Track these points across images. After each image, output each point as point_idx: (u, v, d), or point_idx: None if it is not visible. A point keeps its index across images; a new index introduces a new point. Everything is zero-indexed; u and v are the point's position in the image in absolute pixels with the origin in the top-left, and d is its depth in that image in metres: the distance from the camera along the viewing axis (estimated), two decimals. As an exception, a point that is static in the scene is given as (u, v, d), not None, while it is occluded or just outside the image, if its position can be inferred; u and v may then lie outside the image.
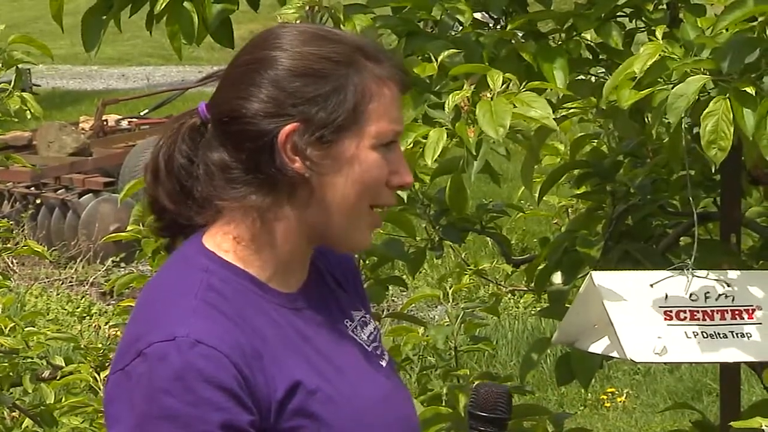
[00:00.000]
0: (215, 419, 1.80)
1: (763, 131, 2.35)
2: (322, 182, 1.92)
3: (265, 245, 1.93)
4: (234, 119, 1.91)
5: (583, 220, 3.44)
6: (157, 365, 1.81)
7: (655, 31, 2.55)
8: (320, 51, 1.92)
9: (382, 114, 1.93)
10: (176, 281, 1.92)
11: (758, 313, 2.60)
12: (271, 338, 1.89)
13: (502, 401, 1.99)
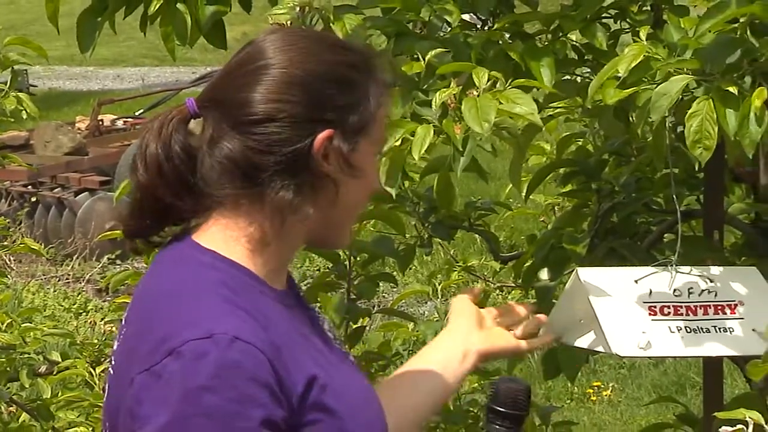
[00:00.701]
0: (257, 415, 1.79)
1: (746, 130, 2.35)
2: (345, 186, 1.93)
3: (274, 243, 1.93)
4: (266, 121, 1.90)
5: (569, 217, 3.44)
6: (195, 363, 1.78)
7: (640, 32, 2.55)
8: (346, 59, 1.94)
9: (383, 122, 1.98)
10: (188, 280, 1.90)
11: (740, 309, 2.60)
12: (282, 332, 1.88)
13: (522, 397, 2.00)
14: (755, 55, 2.40)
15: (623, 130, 2.81)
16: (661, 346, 2.56)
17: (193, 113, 1.95)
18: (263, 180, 1.89)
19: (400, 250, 3.33)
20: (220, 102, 1.93)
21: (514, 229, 9.27)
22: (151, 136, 1.93)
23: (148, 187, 1.93)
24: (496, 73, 2.52)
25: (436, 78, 2.60)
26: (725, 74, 2.39)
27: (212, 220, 1.92)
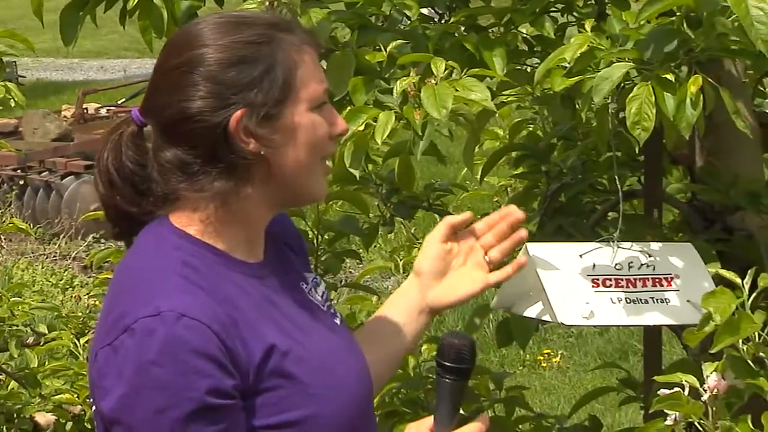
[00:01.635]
0: (202, 386, 1.79)
1: (683, 114, 2.36)
2: (276, 155, 1.92)
3: (230, 223, 1.93)
4: (182, 120, 1.89)
5: (520, 197, 3.44)
6: (145, 339, 1.79)
7: (584, 24, 2.57)
8: (242, 37, 1.91)
9: (309, 78, 1.94)
10: (153, 260, 1.90)
11: (677, 281, 2.62)
12: (244, 306, 1.88)
13: (466, 351, 1.98)
14: (691, 45, 2.41)
15: (570, 117, 2.82)
16: (603, 315, 2.57)
17: (140, 123, 1.96)
18: (198, 172, 1.89)
19: (364, 228, 3.33)
20: (151, 109, 1.94)
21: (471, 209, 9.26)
22: (105, 150, 1.95)
23: (105, 198, 1.95)
24: (452, 63, 2.53)
25: (397, 67, 2.60)
26: (663, 63, 2.39)
27: (181, 206, 1.93)
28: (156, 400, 1.79)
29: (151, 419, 1.79)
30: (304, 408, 1.88)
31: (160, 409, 1.79)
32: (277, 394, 1.87)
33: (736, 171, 3.09)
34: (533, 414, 3.51)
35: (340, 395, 1.93)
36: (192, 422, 1.79)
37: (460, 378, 1.97)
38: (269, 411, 1.87)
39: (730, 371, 2.25)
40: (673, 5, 2.41)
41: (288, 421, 1.87)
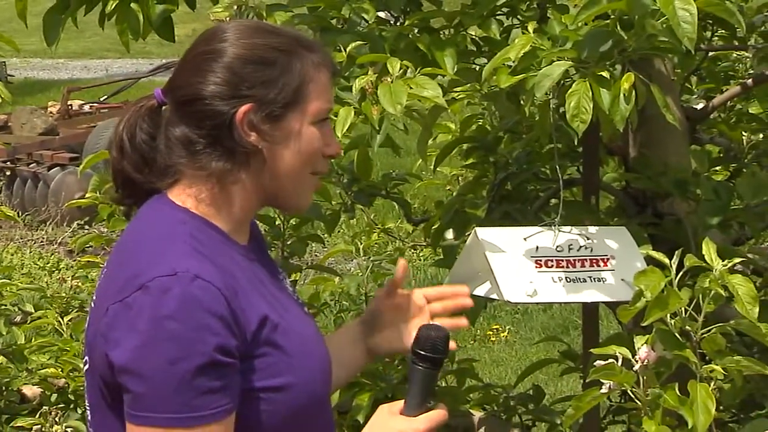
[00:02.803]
0: (212, 342, 1.80)
1: (617, 108, 2.37)
2: (273, 153, 1.93)
3: (224, 204, 1.94)
4: (195, 101, 1.91)
5: (470, 186, 3.45)
6: (161, 296, 1.80)
7: (527, 26, 2.56)
8: (266, 41, 1.93)
9: (319, 94, 1.95)
10: (161, 230, 1.92)
11: (612, 262, 2.63)
12: (241, 279, 1.90)
13: (440, 343, 1.97)
14: (624, 45, 2.42)
15: (515, 111, 2.81)
16: (545, 293, 2.58)
17: (160, 101, 1.97)
18: (200, 151, 1.90)
19: (327, 214, 3.33)
20: (172, 89, 1.96)
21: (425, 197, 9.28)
22: (124, 119, 1.98)
23: (115, 162, 1.98)
24: (406, 63, 2.53)
25: (356, 67, 2.60)
26: (599, 62, 2.40)
27: (180, 184, 1.94)
28: (169, 352, 1.79)
29: (163, 369, 1.79)
30: (286, 376, 1.90)
31: (172, 360, 1.79)
32: (266, 361, 1.88)
33: (666, 161, 3.11)
34: (482, 384, 3.52)
35: (314, 369, 1.95)
36: (199, 375, 1.80)
37: (432, 367, 1.96)
38: (258, 375, 1.88)
39: (659, 343, 2.27)
40: (607, 9, 2.41)
41: (272, 386, 1.89)
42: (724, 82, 3.54)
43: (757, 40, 3.22)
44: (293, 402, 1.91)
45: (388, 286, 2.25)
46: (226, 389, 1.82)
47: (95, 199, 3.29)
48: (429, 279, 7.91)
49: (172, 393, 1.79)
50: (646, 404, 2.26)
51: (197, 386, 1.79)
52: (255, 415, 1.89)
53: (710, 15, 2.48)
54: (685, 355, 2.25)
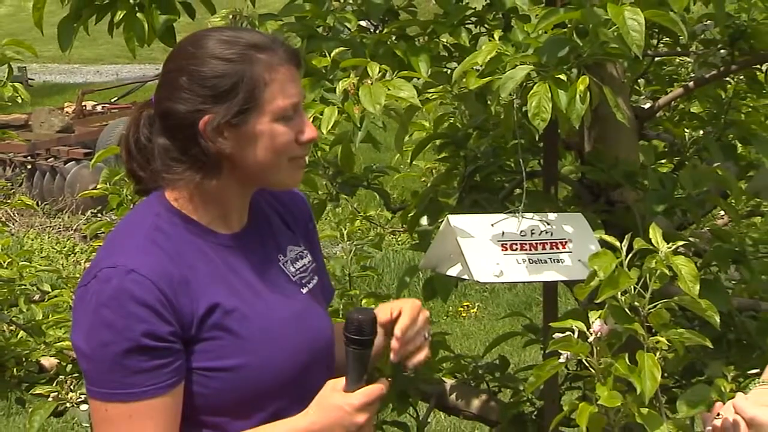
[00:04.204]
0: (139, 329, 1.81)
1: (573, 107, 2.36)
2: (241, 154, 1.91)
3: (201, 202, 1.94)
4: (167, 115, 1.92)
5: (443, 177, 3.44)
6: (103, 286, 1.83)
7: (493, 34, 2.56)
8: (223, 53, 1.90)
9: (276, 94, 1.91)
10: (132, 223, 1.94)
11: (569, 245, 2.63)
12: (202, 270, 1.88)
13: (366, 326, 1.94)
14: (579, 51, 2.41)
15: (483, 110, 2.81)
16: (510, 274, 2.57)
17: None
18: (176, 159, 1.92)
19: (314, 203, 3.31)
20: (155, 102, 1.97)
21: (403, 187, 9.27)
22: (129, 126, 1.99)
23: (125, 161, 2.00)
24: (385, 67, 2.52)
25: (339, 70, 2.58)
26: (557, 66, 2.40)
27: (167, 184, 1.95)
28: (103, 335, 1.82)
29: (99, 350, 1.82)
30: (236, 358, 1.88)
31: (104, 343, 1.82)
32: (215, 344, 1.87)
33: (617, 155, 3.10)
34: (454, 355, 3.52)
35: (275, 351, 1.92)
36: (129, 357, 1.81)
37: (361, 347, 1.93)
38: (207, 356, 1.87)
39: (611, 318, 2.26)
40: (564, 18, 2.41)
41: (222, 367, 1.88)
42: (669, 84, 3.54)
43: (697, 46, 3.22)
44: (249, 380, 1.88)
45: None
46: (159, 370, 1.82)
47: (105, 189, 3.28)
48: (406, 261, 7.90)
49: (107, 372, 1.82)
50: (599, 372, 2.26)
51: (128, 366, 1.81)
52: (208, 393, 1.88)
53: (656, 24, 2.47)
54: (634, 328, 2.24)
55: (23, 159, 11.03)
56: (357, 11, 2.79)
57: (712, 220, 3.64)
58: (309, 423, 1.88)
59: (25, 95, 3.13)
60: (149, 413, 1.82)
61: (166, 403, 1.83)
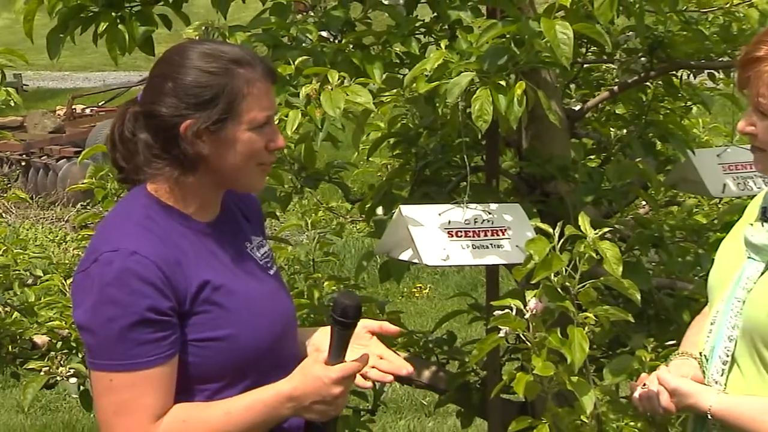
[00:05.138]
0: (143, 304, 1.81)
1: (512, 109, 2.37)
2: (217, 156, 1.92)
3: (181, 195, 1.94)
4: (151, 116, 1.91)
5: (396, 172, 3.43)
6: (105, 268, 1.82)
7: (440, 43, 2.56)
8: (205, 66, 1.91)
9: (252, 106, 1.93)
10: (123, 213, 1.94)
11: (509, 232, 2.64)
12: (189, 252, 1.89)
13: (351, 310, 1.93)
14: (517, 59, 2.42)
15: (432, 112, 2.81)
16: (456, 258, 2.58)
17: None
18: (157, 155, 1.92)
19: (281, 196, 3.30)
20: (141, 102, 1.96)
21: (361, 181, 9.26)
22: (115, 121, 1.99)
23: (110, 152, 1.99)
24: (343, 74, 2.52)
25: (302, 77, 2.57)
26: (497, 72, 2.40)
27: (148, 177, 1.94)
28: (109, 312, 1.81)
29: (106, 325, 1.82)
30: (226, 329, 1.89)
31: (110, 318, 1.81)
32: (207, 317, 1.88)
33: (551, 151, 3.11)
34: (407, 331, 3.52)
35: (257, 322, 1.93)
36: (134, 330, 1.81)
37: (344, 328, 1.93)
38: (200, 328, 1.88)
39: (545, 296, 2.27)
40: (504, 31, 2.42)
41: (213, 338, 1.89)
42: (596, 88, 3.55)
43: (621, 55, 3.24)
44: (237, 348, 1.90)
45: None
46: (160, 341, 1.83)
47: (92, 184, 3.26)
48: (365, 247, 7.90)
49: (113, 344, 1.82)
50: (535, 345, 2.27)
51: (133, 339, 1.81)
52: (202, 361, 1.89)
53: (585, 35, 2.48)
54: (565, 305, 2.26)
55: (19, 157, 10.95)
56: (318, 23, 2.78)
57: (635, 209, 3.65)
58: (291, 388, 1.89)
59: (17, 99, 3.09)
60: (151, 381, 1.82)
61: (165, 372, 1.83)
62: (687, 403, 2.00)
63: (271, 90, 1.96)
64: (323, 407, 1.89)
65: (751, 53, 1.90)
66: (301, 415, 1.91)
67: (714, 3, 3.16)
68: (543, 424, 2.34)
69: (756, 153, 1.95)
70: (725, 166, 3.30)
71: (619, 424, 2.38)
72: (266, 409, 1.87)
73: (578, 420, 2.33)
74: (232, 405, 1.87)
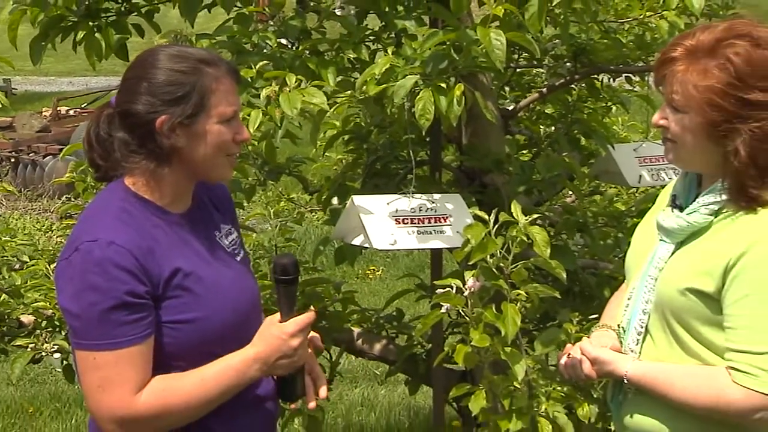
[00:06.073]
0: (122, 289, 1.79)
1: (452, 109, 2.37)
2: (190, 148, 1.89)
3: (156, 187, 1.91)
4: (127, 115, 1.88)
5: (350, 166, 3.43)
6: (86, 256, 1.79)
7: (388, 50, 2.55)
8: (176, 66, 1.89)
9: (220, 101, 1.91)
10: (102, 205, 1.90)
11: (450, 219, 2.64)
12: (162, 241, 1.86)
13: (290, 267, 1.93)
14: (456, 64, 2.42)
15: (381, 112, 2.80)
16: (402, 242, 2.58)
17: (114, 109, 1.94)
18: (134, 151, 1.90)
19: (246, 188, 3.28)
20: (116, 103, 1.93)
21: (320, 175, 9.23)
22: (91, 122, 1.96)
23: (87, 152, 1.96)
24: (300, 77, 2.50)
25: (263, 80, 2.55)
26: (438, 75, 2.40)
27: (128, 174, 1.92)
28: (91, 297, 1.79)
29: (88, 309, 1.80)
30: (196, 311, 1.88)
31: (92, 303, 1.79)
32: (179, 301, 1.86)
33: (488, 146, 3.12)
34: (360, 309, 3.51)
35: (224, 306, 1.91)
36: (114, 312, 1.80)
37: (289, 284, 1.93)
38: (172, 311, 1.86)
39: (481, 276, 2.28)
40: (444, 39, 2.41)
41: (184, 320, 1.87)
42: (527, 90, 3.57)
43: (549, 60, 3.25)
44: (206, 329, 1.88)
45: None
46: (138, 322, 1.81)
47: (73, 178, 3.21)
48: (323, 234, 7.88)
49: (96, 326, 1.80)
50: (473, 320, 2.28)
51: (113, 320, 1.79)
52: (174, 341, 1.87)
53: (516, 43, 2.48)
54: (500, 284, 2.26)
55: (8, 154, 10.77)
56: (277, 31, 2.76)
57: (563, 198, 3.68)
58: (255, 352, 1.89)
59: (5, 102, 3.04)
60: (131, 358, 1.81)
61: (143, 350, 1.82)
62: (606, 369, 2.02)
63: (236, 88, 1.94)
64: (287, 360, 1.90)
65: (667, 54, 1.92)
66: (269, 373, 1.91)
67: (630, 14, 3.19)
68: (480, 390, 2.35)
69: (667, 144, 1.97)
70: (641, 159, 3.33)
71: (547, 389, 2.39)
72: (236, 374, 1.87)
73: (511, 386, 2.34)
74: (204, 372, 1.86)
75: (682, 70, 1.88)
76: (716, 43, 1.87)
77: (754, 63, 1.84)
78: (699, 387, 1.87)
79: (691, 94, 1.87)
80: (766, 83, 1.84)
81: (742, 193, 1.88)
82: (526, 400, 2.34)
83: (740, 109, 1.84)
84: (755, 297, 1.82)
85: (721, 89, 1.84)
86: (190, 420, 1.87)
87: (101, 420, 1.83)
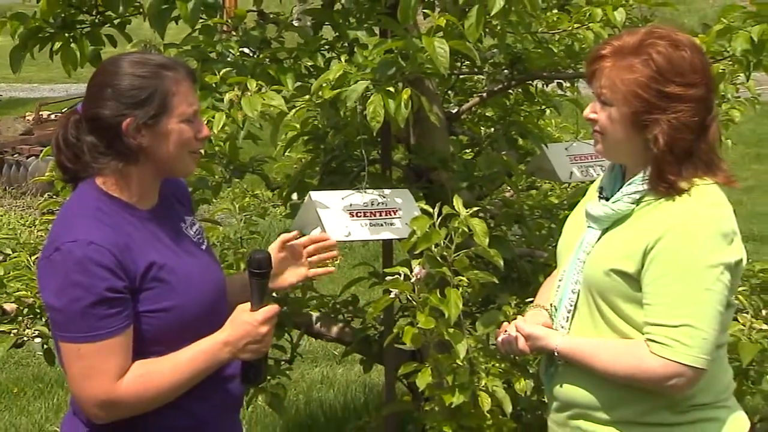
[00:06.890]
0: (102, 285, 1.77)
1: (400, 112, 2.36)
2: (155, 147, 1.87)
3: (125, 186, 1.89)
4: (94, 119, 1.85)
5: (308, 164, 3.41)
6: (67, 256, 1.77)
7: (341, 57, 2.53)
8: (138, 72, 1.87)
9: (181, 102, 1.89)
10: (78, 206, 1.87)
11: (399, 212, 2.63)
12: (136, 237, 1.84)
13: (264, 262, 1.94)
14: (404, 70, 2.41)
15: (336, 114, 2.78)
16: (356, 234, 2.57)
17: (81, 115, 1.91)
18: (102, 153, 1.87)
19: (213, 185, 3.24)
20: (83, 109, 1.90)
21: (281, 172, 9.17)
22: (59, 128, 1.93)
23: (56, 156, 1.93)
24: (261, 82, 2.48)
25: (226, 85, 2.52)
26: (387, 81, 2.39)
27: (96, 173, 1.89)
28: (73, 293, 1.76)
29: (70, 304, 1.77)
30: (171, 300, 1.86)
31: (75, 299, 1.77)
32: (154, 292, 1.85)
33: (433, 146, 3.12)
34: (319, 294, 3.49)
35: (195, 293, 1.90)
36: (95, 307, 1.77)
37: (261, 278, 1.93)
38: (149, 302, 1.85)
39: (427, 264, 2.27)
40: (392, 46, 2.41)
41: (160, 309, 1.86)
42: (469, 94, 3.58)
43: (488, 67, 3.26)
44: (180, 317, 1.87)
45: (277, 242, 2.18)
46: (118, 315, 1.79)
47: (52, 176, 3.15)
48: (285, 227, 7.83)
49: (79, 320, 1.78)
50: (419, 304, 2.27)
51: (95, 315, 1.77)
52: (152, 329, 1.86)
53: (458, 51, 2.48)
54: (443, 271, 2.26)
55: (-7, 155, 10.62)
56: (239, 41, 2.73)
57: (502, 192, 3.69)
58: (226, 336, 1.88)
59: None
60: (112, 348, 1.79)
61: (123, 340, 1.80)
62: (539, 345, 2.03)
63: (194, 89, 1.93)
64: (255, 346, 1.89)
65: (597, 52, 1.95)
66: (237, 356, 1.91)
67: (560, 26, 3.21)
68: (426, 367, 2.35)
69: (596, 136, 1.98)
70: (572, 158, 3.35)
71: (487, 365, 2.40)
72: (208, 356, 1.87)
73: (454, 363, 2.34)
74: (179, 356, 1.85)
75: (609, 66, 1.91)
76: (640, 43, 1.91)
77: (672, 61, 1.88)
78: (621, 357, 1.89)
79: (617, 87, 1.90)
80: (682, 79, 1.88)
81: (661, 179, 1.91)
82: (468, 376, 2.34)
83: (660, 101, 1.88)
84: (670, 276, 1.85)
85: (644, 82, 1.87)
86: (167, 401, 1.86)
87: (85, 404, 1.82)
